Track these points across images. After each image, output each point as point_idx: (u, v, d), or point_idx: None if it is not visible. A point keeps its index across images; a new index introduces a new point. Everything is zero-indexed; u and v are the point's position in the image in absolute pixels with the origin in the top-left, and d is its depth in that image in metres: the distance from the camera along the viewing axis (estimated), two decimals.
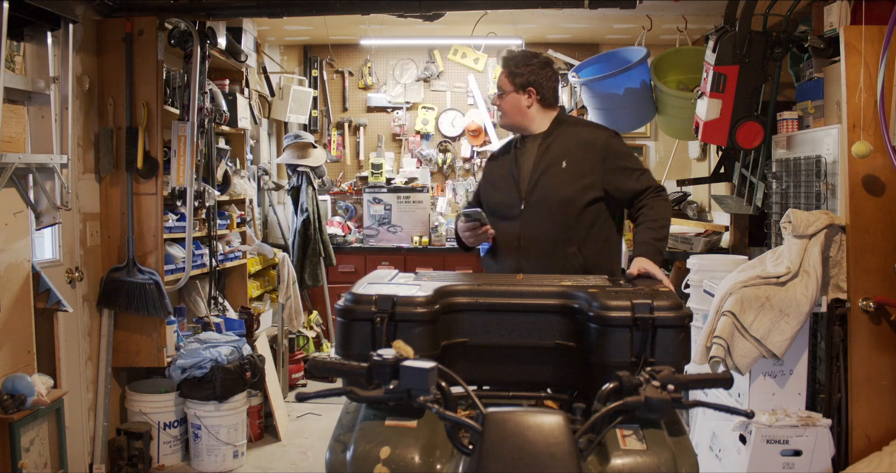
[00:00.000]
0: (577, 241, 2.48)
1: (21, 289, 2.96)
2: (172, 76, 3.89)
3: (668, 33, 4.99)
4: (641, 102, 4.22)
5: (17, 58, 3.00)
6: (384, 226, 5.76)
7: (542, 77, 2.60)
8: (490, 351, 1.78)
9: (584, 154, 2.52)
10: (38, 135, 3.05)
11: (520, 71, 2.59)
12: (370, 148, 6.13)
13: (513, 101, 2.61)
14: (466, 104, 6.07)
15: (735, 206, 4.04)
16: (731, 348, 2.93)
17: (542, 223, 2.49)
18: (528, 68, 2.59)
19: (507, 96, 2.61)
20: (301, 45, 6.02)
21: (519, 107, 2.61)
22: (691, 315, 1.69)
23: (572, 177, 2.49)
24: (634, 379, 1.37)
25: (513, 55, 2.63)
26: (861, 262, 3.02)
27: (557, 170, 2.51)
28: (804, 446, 2.95)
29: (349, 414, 1.58)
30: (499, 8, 4.18)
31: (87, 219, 3.57)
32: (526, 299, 1.77)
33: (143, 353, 3.71)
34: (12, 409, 2.70)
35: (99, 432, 3.60)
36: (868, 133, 2.97)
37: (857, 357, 3.02)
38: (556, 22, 5.16)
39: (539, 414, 1.28)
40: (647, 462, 1.38)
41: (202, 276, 4.42)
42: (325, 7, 3.72)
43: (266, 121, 5.64)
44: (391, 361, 1.35)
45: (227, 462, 3.80)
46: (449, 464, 1.39)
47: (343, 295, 1.75)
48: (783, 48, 3.47)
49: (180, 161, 3.78)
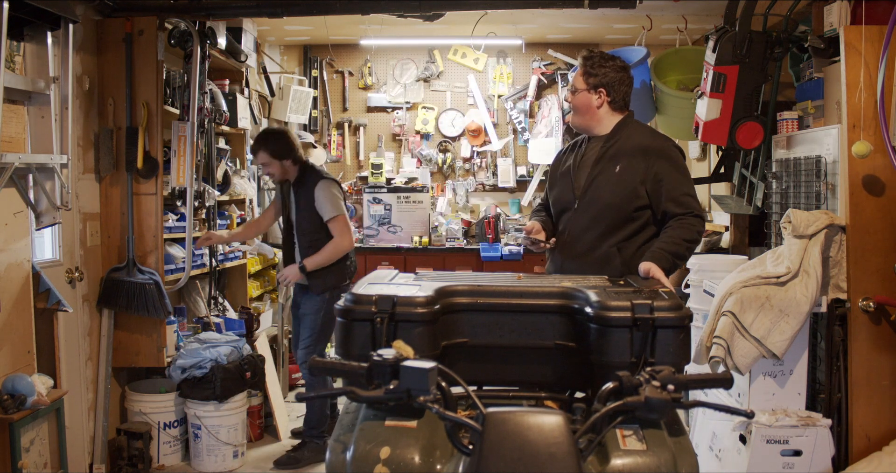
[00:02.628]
0: (618, 243, 2.53)
1: (21, 289, 2.96)
2: (172, 76, 3.89)
3: (668, 33, 4.99)
4: (641, 102, 4.21)
5: (17, 58, 3.00)
6: (384, 225, 5.76)
7: (615, 80, 2.65)
8: (490, 352, 1.79)
9: (638, 159, 2.56)
10: (38, 135, 3.05)
11: (595, 71, 2.64)
12: (370, 148, 6.13)
13: (583, 100, 2.67)
14: (466, 104, 6.07)
15: (735, 206, 4.04)
16: (731, 348, 2.93)
17: (589, 222, 2.57)
18: (604, 69, 2.64)
19: (579, 94, 2.67)
20: (301, 45, 6.02)
21: (588, 107, 2.67)
22: (691, 315, 1.69)
23: (623, 182, 2.54)
24: (634, 379, 1.37)
25: (592, 55, 2.68)
26: (861, 262, 3.02)
27: (611, 173, 2.56)
28: (804, 446, 2.95)
29: (349, 415, 1.58)
30: (499, 8, 4.18)
31: (87, 219, 3.57)
32: (526, 299, 1.78)
33: (143, 353, 3.71)
34: (12, 409, 2.70)
35: (99, 432, 3.60)
36: (868, 133, 2.97)
37: (857, 357, 3.03)
38: (556, 22, 5.16)
39: (539, 414, 1.28)
40: (647, 462, 1.38)
41: (202, 276, 4.43)
42: (325, 7, 3.72)
43: (266, 121, 5.64)
44: (391, 361, 1.35)
45: (227, 462, 3.80)
46: (449, 464, 1.39)
47: (343, 296, 1.75)
48: (783, 48, 3.47)
49: (180, 161, 3.79)
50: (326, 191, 3.83)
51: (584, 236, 2.57)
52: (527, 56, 5.95)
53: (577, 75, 2.69)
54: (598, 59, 2.66)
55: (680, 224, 2.48)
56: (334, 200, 3.85)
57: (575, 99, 2.69)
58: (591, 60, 2.66)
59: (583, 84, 2.66)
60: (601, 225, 2.55)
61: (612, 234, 2.55)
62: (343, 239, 3.84)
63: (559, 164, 2.79)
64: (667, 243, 2.41)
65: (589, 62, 2.66)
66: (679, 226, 2.47)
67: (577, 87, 2.68)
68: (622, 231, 2.55)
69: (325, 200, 3.82)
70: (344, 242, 3.84)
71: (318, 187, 3.83)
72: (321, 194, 3.82)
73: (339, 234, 3.83)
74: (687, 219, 2.49)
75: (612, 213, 2.54)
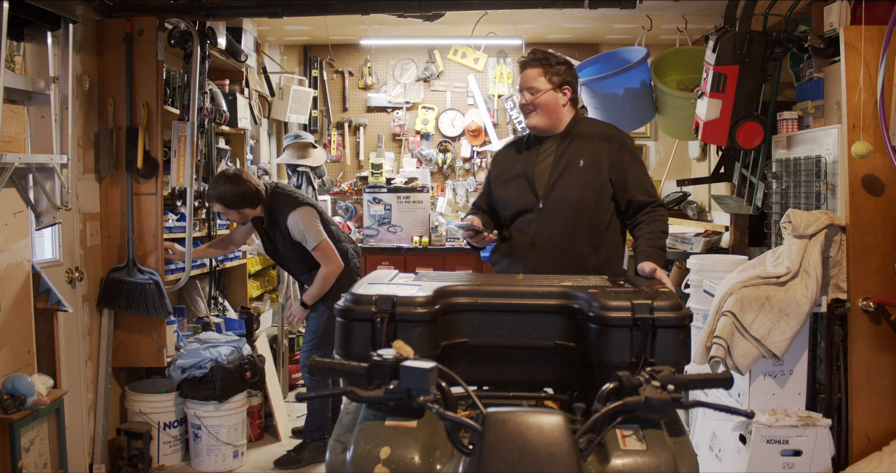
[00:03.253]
0: (592, 242, 2.51)
1: (21, 289, 2.96)
2: (172, 76, 3.89)
3: (668, 33, 4.99)
4: (641, 102, 4.22)
5: (17, 58, 3.00)
6: (384, 225, 5.76)
7: (572, 76, 2.65)
8: (490, 352, 1.78)
9: (599, 148, 2.55)
10: (38, 135, 3.05)
11: (556, 69, 2.60)
12: (370, 148, 6.13)
13: (550, 99, 2.61)
14: (466, 104, 6.07)
15: (735, 206, 4.04)
16: (731, 348, 2.93)
17: (560, 223, 2.52)
18: (562, 67, 2.62)
19: (544, 94, 2.60)
20: (301, 45, 6.02)
21: (556, 105, 2.62)
22: (691, 315, 1.69)
23: (590, 176, 2.53)
24: (634, 379, 1.37)
25: (545, 55, 2.63)
26: (861, 262, 3.02)
27: (576, 170, 2.54)
28: (804, 446, 2.95)
29: (349, 415, 1.58)
30: (499, 8, 4.18)
31: (87, 219, 3.57)
32: (526, 299, 1.77)
33: (143, 353, 3.71)
34: (12, 409, 2.70)
35: (99, 432, 3.60)
36: (868, 133, 2.97)
37: (857, 357, 3.03)
38: (556, 22, 5.16)
39: (539, 414, 1.27)
40: (647, 462, 1.38)
41: (202, 276, 4.42)
42: (325, 7, 3.72)
43: (266, 121, 5.64)
44: (391, 361, 1.35)
45: (227, 462, 3.80)
46: (449, 464, 1.39)
47: (343, 296, 1.75)
48: (783, 48, 3.47)
49: (180, 161, 3.78)
50: (299, 223, 3.67)
51: (555, 238, 2.53)
52: None
53: (536, 76, 2.61)
54: (552, 57, 2.62)
55: (653, 217, 2.49)
56: (310, 228, 3.68)
57: (540, 100, 2.60)
58: (548, 60, 2.62)
59: (547, 84, 2.60)
60: (574, 224, 2.52)
61: (585, 232, 2.52)
62: (331, 266, 3.70)
63: (505, 167, 2.71)
64: (653, 239, 2.41)
65: (546, 62, 2.61)
66: (654, 220, 2.48)
67: (540, 88, 2.60)
68: (595, 227, 2.53)
69: (302, 232, 3.68)
70: (332, 268, 3.70)
71: (290, 221, 3.68)
72: (295, 228, 3.68)
73: (325, 262, 3.70)
74: (657, 211, 2.51)
75: (584, 210, 2.52)
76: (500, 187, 2.70)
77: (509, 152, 2.75)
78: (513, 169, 2.67)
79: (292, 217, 3.68)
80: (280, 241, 3.80)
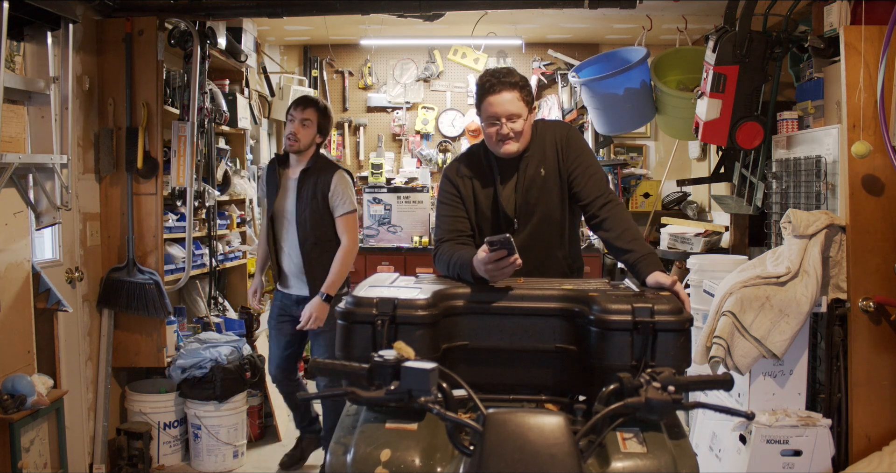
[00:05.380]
0: (562, 242, 2.47)
1: (21, 289, 2.96)
2: (172, 76, 3.89)
3: (668, 33, 4.98)
4: (641, 102, 4.22)
5: (17, 58, 3.00)
6: (384, 225, 5.75)
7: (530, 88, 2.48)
8: (491, 355, 1.78)
9: (552, 152, 2.43)
10: (38, 135, 3.05)
11: (527, 88, 2.41)
12: (370, 148, 6.13)
13: (528, 123, 2.40)
14: (466, 104, 6.06)
15: (735, 206, 4.04)
16: (731, 348, 2.94)
17: (534, 235, 2.43)
18: (529, 86, 2.42)
19: (523, 120, 2.36)
20: (301, 45, 6.02)
21: (529, 127, 2.41)
22: (692, 319, 1.69)
23: (551, 183, 2.42)
24: (635, 381, 1.38)
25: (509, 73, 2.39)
26: (861, 262, 3.02)
27: (539, 180, 2.42)
28: (804, 446, 2.95)
29: (350, 417, 1.58)
30: (499, 8, 4.17)
31: (87, 218, 3.57)
32: (526, 302, 1.78)
33: (143, 353, 3.71)
34: (12, 409, 2.70)
35: (99, 432, 3.60)
36: (868, 133, 2.97)
37: (857, 357, 3.03)
38: (556, 22, 5.16)
39: (540, 415, 1.28)
40: (647, 464, 1.38)
41: (202, 276, 4.43)
42: (325, 7, 3.72)
43: (266, 121, 5.64)
44: (392, 362, 1.35)
45: (227, 462, 3.80)
46: (449, 466, 1.39)
47: (344, 298, 1.75)
48: (783, 48, 3.47)
49: (180, 161, 3.78)
50: (341, 183, 3.49)
51: (534, 250, 2.36)
52: (527, 56, 5.94)
53: (514, 100, 2.34)
54: (518, 75, 2.40)
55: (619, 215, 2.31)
56: (349, 192, 3.51)
57: (523, 126, 2.36)
58: (520, 80, 2.38)
59: (525, 108, 2.36)
60: (548, 234, 2.43)
61: (556, 237, 2.44)
62: (351, 241, 3.49)
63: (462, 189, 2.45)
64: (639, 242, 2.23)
65: (519, 83, 2.37)
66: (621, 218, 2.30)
67: (521, 114, 2.34)
68: (562, 229, 2.45)
69: (342, 192, 3.47)
70: (352, 244, 3.50)
71: (337, 176, 3.48)
72: (340, 185, 3.48)
73: (348, 232, 3.48)
74: (617, 207, 2.33)
75: (554, 219, 2.43)
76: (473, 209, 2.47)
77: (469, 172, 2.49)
78: (480, 193, 2.47)
79: (338, 175, 3.51)
80: (308, 197, 3.50)
